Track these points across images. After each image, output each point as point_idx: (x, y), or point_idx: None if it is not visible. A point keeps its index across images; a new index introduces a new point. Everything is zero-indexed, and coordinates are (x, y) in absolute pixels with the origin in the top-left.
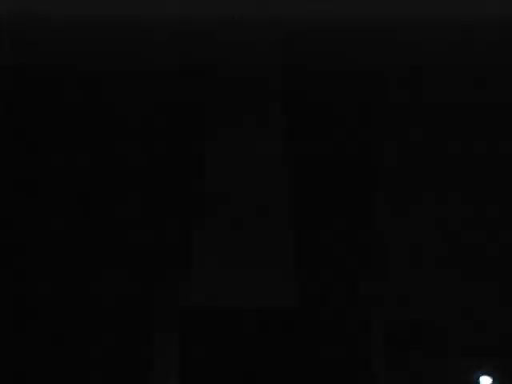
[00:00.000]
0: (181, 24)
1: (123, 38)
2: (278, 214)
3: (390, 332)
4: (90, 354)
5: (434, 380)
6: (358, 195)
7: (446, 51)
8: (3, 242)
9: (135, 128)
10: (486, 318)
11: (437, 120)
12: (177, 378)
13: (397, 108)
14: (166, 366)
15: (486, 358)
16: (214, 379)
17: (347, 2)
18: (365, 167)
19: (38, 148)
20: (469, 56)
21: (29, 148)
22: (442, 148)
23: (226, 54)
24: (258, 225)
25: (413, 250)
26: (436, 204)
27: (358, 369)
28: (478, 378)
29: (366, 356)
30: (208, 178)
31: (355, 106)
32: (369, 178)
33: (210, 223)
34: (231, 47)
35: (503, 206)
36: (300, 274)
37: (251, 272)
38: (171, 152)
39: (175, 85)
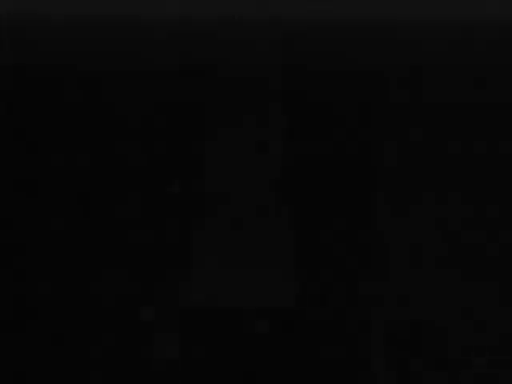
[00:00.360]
0: (181, 24)
1: (123, 38)
2: (278, 214)
3: (389, 332)
4: (90, 354)
5: (433, 380)
6: (357, 195)
7: (446, 51)
8: (3, 241)
9: (135, 128)
10: (486, 318)
11: (437, 120)
12: (177, 378)
13: (397, 108)
14: (166, 365)
15: (486, 357)
16: (214, 378)
17: (347, 1)
18: (365, 167)
19: (38, 148)
20: (469, 56)
21: (29, 148)
22: (442, 148)
23: (226, 54)
24: (257, 225)
25: (413, 250)
26: (436, 204)
27: (358, 369)
28: None
29: (366, 356)
30: (208, 177)
31: (355, 106)
32: (369, 178)
33: (209, 223)
34: (231, 47)
35: (503, 205)
36: (300, 274)
37: (251, 272)
38: (171, 152)
39: (175, 85)
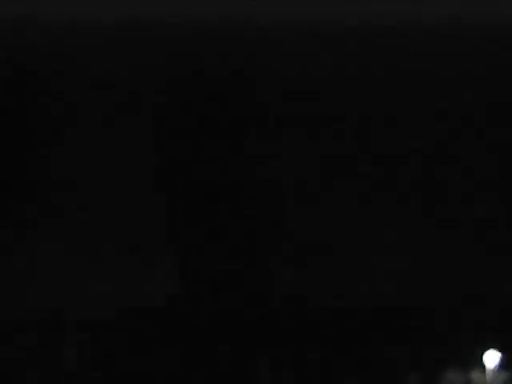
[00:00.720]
0: (181, 24)
1: (124, 38)
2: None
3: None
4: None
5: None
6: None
7: (446, 52)
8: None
9: (135, 128)
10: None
11: (436, 119)
12: None
13: (396, 108)
14: None
15: (489, 333)
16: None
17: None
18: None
19: (37, 148)
20: (469, 56)
21: (28, 148)
22: (441, 148)
23: (228, 55)
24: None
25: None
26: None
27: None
28: (484, 354)
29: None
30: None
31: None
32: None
33: None
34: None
35: (492, 206)
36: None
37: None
38: (169, 152)
39: (174, 85)
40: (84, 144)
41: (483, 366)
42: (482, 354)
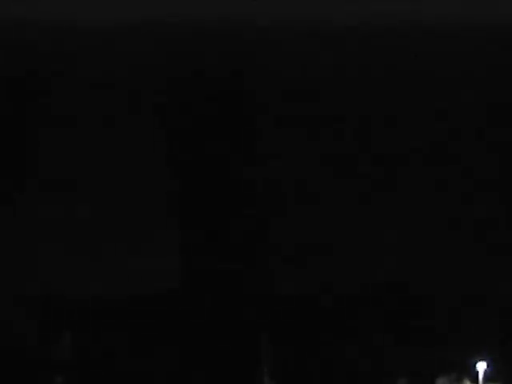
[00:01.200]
0: (181, 24)
1: (124, 38)
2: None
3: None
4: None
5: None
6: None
7: (446, 53)
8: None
9: (135, 128)
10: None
11: (436, 119)
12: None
13: (395, 108)
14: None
15: (484, 344)
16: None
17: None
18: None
19: (38, 148)
20: (469, 56)
21: (28, 148)
22: (441, 148)
23: (228, 55)
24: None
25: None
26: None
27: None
28: (476, 364)
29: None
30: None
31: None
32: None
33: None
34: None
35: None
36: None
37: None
38: (169, 152)
39: (175, 84)
40: (84, 144)
41: (475, 375)
42: (475, 362)
